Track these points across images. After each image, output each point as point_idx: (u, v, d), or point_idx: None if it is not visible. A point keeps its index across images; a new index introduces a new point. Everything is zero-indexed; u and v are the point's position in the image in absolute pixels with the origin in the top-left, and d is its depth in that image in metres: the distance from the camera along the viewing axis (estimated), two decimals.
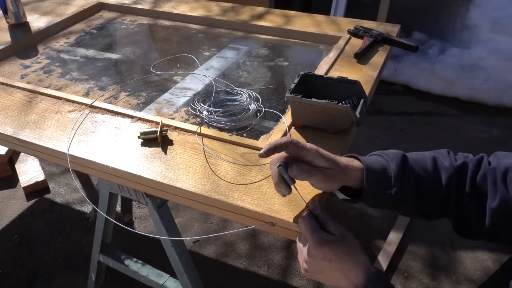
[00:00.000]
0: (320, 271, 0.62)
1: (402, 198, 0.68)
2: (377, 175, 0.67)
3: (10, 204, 2.03)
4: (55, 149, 0.90)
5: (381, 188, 0.67)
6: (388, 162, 0.69)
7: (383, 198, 0.68)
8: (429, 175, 0.69)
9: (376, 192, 0.67)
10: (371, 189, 0.67)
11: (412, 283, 1.64)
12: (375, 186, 0.67)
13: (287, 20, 1.46)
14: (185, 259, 1.15)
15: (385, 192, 0.67)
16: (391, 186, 0.67)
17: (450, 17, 3.04)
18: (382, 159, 0.70)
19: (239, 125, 0.98)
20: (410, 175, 0.68)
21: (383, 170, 0.68)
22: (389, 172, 0.68)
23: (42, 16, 1.56)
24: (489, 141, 2.41)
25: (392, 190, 0.67)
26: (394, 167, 0.68)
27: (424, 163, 0.71)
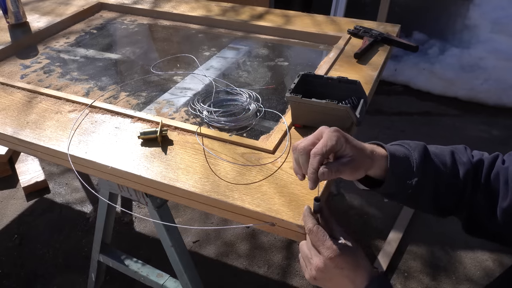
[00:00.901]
0: (329, 279, 0.63)
1: (421, 189, 0.68)
2: (400, 164, 0.67)
3: (10, 204, 2.03)
4: (55, 149, 0.90)
5: (403, 177, 0.68)
6: (410, 152, 0.69)
7: (403, 188, 0.68)
8: (448, 169, 0.70)
9: (397, 180, 0.68)
10: (394, 177, 0.67)
11: (412, 283, 1.64)
12: (398, 175, 0.67)
13: (287, 20, 1.46)
14: (185, 259, 1.15)
15: (406, 182, 0.67)
16: (413, 176, 0.67)
17: (450, 17, 3.04)
18: (404, 148, 0.70)
19: (239, 125, 0.98)
20: (430, 166, 0.69)
21: (406, 158, 0.68)
22: (411, 161, 0.68)
23: (42, 16, 1.56)
24: (489, 141, 2.41)
25: (413, 180, 0.67)
26: (416, 156, 0.68)
27: (443, 157, 0.71)
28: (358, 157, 0.65)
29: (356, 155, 0.65)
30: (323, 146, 0.63)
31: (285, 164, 0.84)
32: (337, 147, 0.64)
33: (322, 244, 0.62)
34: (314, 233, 0.63)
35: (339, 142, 0.63)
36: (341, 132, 0.65)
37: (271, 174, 0.81)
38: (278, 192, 0.77)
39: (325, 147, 0.63)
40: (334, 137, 0.63)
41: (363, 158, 0.66)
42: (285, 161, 0.84)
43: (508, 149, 0.74)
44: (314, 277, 0.64)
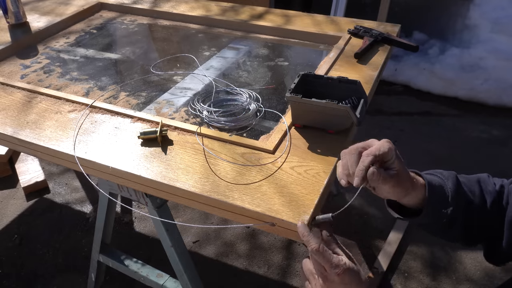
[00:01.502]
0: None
1: (455, 218, 0.69)
2: (437, 193, 0.69)
3: (10, 204, 2.03)
4: (55, 149, 0.90)
5: (438, 206, 0.69)
6: (444, 181, 0.71)
7: (439, 217, 0.69)
8: (476, 198, 0.71)
9: (434, 210, 0.69)
10: (431, 206, 0.68)
11: (412, 283, 1.64)
12: (435, 204, 0.69)
13: (287, 20, 1.46)
14: (185, 259, 1.15)
15: (441, 211, 0.69)
16: (448, 205, 0.69)
17: (450, 17, 3.04)
18: (437, 178, 0.72)
19: (239, 125, 0.98)
20: (462, 195, 0.70)
21: (441, 188, 0.70)
22: (446, 191, 0.70)
23: (42, 16, 1.56)
24: (489, 141, 2.41)
25: (448, 209, 0.69)
26: (450, 185, 0.70)
27: (471, 186, 0.73)
28: (402, 175, 0.67)
29: (401, 172, 0.67)
30: (377, 149, 0.65)
31: (285, 164, 0.84)
32: (388, 156, 0.66)
33: (329, 262, 0.63)
34: (320, 252, 0.63)
35: (390, 152, 0.66)
36: (393, 145, 0.67)
37: (271, 174, 0.81)
38: (278, 192, 0.77)
39: (378, 151, 0.65)
40: (387, 146, 0.66)
41: (406, 179, 0.68)
42: (285, 161, 0.84)
43: (508, 149, 0.75)
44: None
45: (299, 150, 0.87)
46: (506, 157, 2.27)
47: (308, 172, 0.81)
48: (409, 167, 0.70)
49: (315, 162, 0.84)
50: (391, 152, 0.66)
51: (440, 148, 2.35)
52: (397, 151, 0.67)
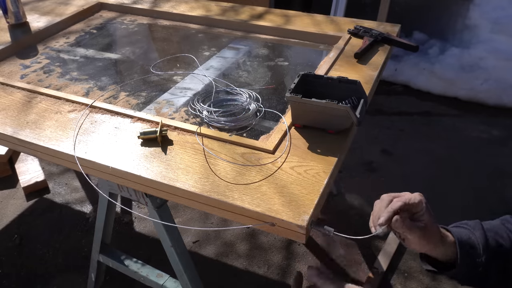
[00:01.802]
0: None
1: (490, 265, 0.70)
2: (467, 247, 0.70)
3: (10, 204, 2.03)
4: (55, 149, 0.90)
5: (472, 259, 0.70)
6: (472, 231, 0.72)
7: (474, 267, 0.70)
8: (506, 241, 0.72)
9: (468, 262, 0.70)
10: (464, 260, 0.69)
11: (412, 283, 1.64)
12: (467, 258, 0.70)
13: (287, 20, 1.46)
14: (185, 259, 1.15)
15: (476, 261, 0.70)
16: (480, 255, 0.70)
17: (450, 17, 3.04)
18: (464, 229, 0.73)
19: (239, 125, 0.98)
20: (492, 242, 0.71)
21: (469, 239, 0.71)
22: (474, 241, 0.71)
23: (41, 16, 1.56)
24: (489, 141, 2.41)
25: (481, 258, 0.70)
26: (478, 235, 0.72)
27: (498, 230, 0.74)
28: (431, 229, 0.68)
29: (429, 226, 0.68)
30: (407, 198, 0.68)
31: (285, 164, 0.84)
32: (418, 208, 0.68)
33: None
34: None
35: (420, 204, 0.68)
36: (424, 198, 0.69)
37: (271, 174, 0.81)
38: (278, 192, 0.77)
39: (409, 200, 0.67)
40: (418, 198, 0.68)
41: (434, 234, 0.69)
42: (285, 161, 0.84)
43: (508, 149, 0.76)
44: None
45: (299, 150, 0.87)
46: (506, 157, 2.27)
47: (308, 172, 0.81)
48: (409, 167, 0.70)
49: (315, 162, 0.84)
50: (421, 204, 0.68)
51: (440, 148, 2.35)
52: (428, 205, 0.69)
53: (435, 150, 2.33)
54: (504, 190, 2.03)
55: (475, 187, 2.05)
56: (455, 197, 1.96)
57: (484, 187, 2.04)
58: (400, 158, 2.28)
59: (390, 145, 2.39)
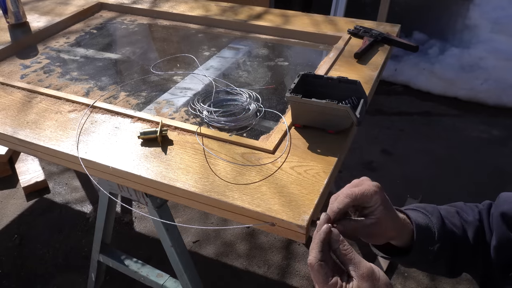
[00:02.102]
0: None
1: (440, 254, 0.68)
2: (424, 234, 0.67)
3: (10, 204, 2.03)
4: (55, 149, 0.90)
5: (425, 245, 0.67)
6: (429, 218, 0.69)
7: (426, 255, 0.67)
8: (459, 230, 0.70)
9: (421, 249, 0.67)
10: (418, 247, 0.66)
11: (412, 283, 1.64)
12: (422, 244, 0.67)
13: (286, 20, 1.46)
14: (185, 259, 1.15)
15: (428, 249, 0.67)
16: (435, 242, 0.67)
17: (450, 17, 3.04)
18: (422, 215, 0.70)
19: (239, 125, 0.98)
20: (447, 230, 0.69)
21: (427, 227, 0.68)
22: (432, 229, 0.68)
23: (41, 16, 1.56)
24: (489, 141, 2.41)
25: (435, 246, 0.67)
26: (435, 221, 0.68)
27: (452, 218, 0.71)
28: (384, 223, 0.62)
29: (383, 219, 0.61)
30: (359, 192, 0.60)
31: (285, 164, 0.84)
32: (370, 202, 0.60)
33: (321, 283, 0.53)
34: (315, 270, 0.53)
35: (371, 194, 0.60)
36: (381, 190, 0.62)
37: (271, 174, 0.81)
38: (278, 192, 0.77)
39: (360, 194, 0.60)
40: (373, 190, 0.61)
41: (389, 228, 0.63)
42: (285, 161, 0.84)
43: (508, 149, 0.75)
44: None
45: (299, 150, 0.87)
46: (506, 157, 2.27)
47: (308, 172, 0.81)
48: (409, 167, 0.69)
49: (315, 162, 0.84)
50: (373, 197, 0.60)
51: (440, 148, 2.35)
52: (387, 199, 0.62)
53: (435, 150, 2.33)
54: (504, 190, 2.03)
55: (475, 187, 2.05)
56: (455, 197, 1.96)
57: (484, 187, 2.04)
58: (400, 158, 2.28)
59: (390, 145, 2.39)
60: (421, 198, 1.97)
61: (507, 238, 0.66)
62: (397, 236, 0.66)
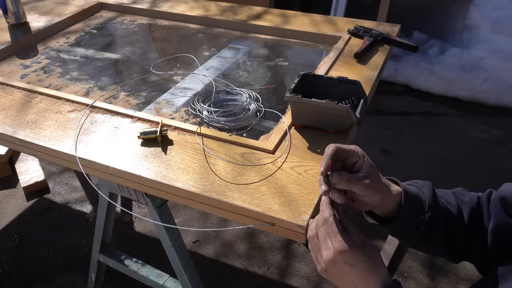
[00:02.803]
0: (339, 275, 0.60)
1: (433, 226, 0.68)
2: (413, 199, 0.69)
3: (10, 204, 2.03)
4: (55, 149, 0.90)
5: (416, 211, 0.68)
6: (420, 189, 0.71)
7: (417, 224, 0.68)
8: (454, 208, 0.71)
9: (411, 214, 0.68)
10: (408, 210, 0.68)
11: (412, 283, 1.64)
12: (411, 208, 0.68)
13: (286, 20, 1.46)
14: (185, 259, 1.15)
15: (419, 217, 0.68)
16: (425, 212, 0.68)
17: (450, 17, 3.04)
18: (413, 186, 0.72)
19: (239, 125, 0.98)
20: (440, 203, 0.70)
21: (417, 194, 0.70)
22: (422, 197, 0.70)
23: (41, 16, 1.56)
24: (489, 141, 2.41)
25: (426, 215, 0.68)
26: (426, 192, 0.70)
27: (448, 198, 0.73)
28: (375, 178, 0.65)
29: (372, 174, 0.65)
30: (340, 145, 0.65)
31: (285, 164, 0.84)
32: (354, 155, 0.65)
33: (334, 236, 0.59)
34: (329, 223, 0.60)
35: (356, 151, 0.65)
36: (361, 150, 0.66)
37: (271, 174, 0.81)
38: (278, 192, 0.77)
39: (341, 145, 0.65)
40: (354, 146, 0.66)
41: (379, 183, 0.66)
42: (285, 161, 0.84)
43: (508, 149, 0.76)
44: (324, 269, 0.61)
45: (299, 150, 0.87)
46: (506, 157, 2.27)
47: (308, 172, 0.81)
48: (409, 167, 0.70)
49: (315, 162, 0.84)
50: (357, 151, 0.65)
51: (440, 148, 2.35)
52: (368, 157, 0.66)
53: (435, 150, 2.33)
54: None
55: (475, 187, 2.05)
56: None
57: (484, 187, 2.04)
58: (400, 158, 2.28)
59: (390, 145, 2.39)
60: None
61: (504, 222, 0.67)
62: (387, 193, 0.68)
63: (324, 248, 0.61)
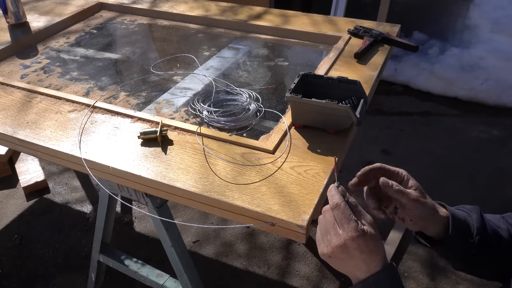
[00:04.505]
0: (345, 259, 0.61)
1: (483, 249, 0.70)
2: (460, 223, 0.70)
3: (10, 204, 2.03)
4: (55, 149, 0.90)
5: (464, 236, 0.70)
6: (468, 213, 0.73)
7: (466, 247, 0.70)
8: (504, 232, 0.72)
9: (459, 238, 0.70)
10: (455, 235, 0.69)
11: (412, 283, 1.64)
12: (459, 233, 0.69)
13: (286, 20, 1.46)
14: (185, 259, 1.15)
15: (468, 241, 0.70)
16: (473, 235, 0.70)
17: (450, 17, 3.04)
18: (461, 211, 0.73)
19: (239, 125, 0.98)
20: (489, 227, 0.71)
21: (465, 220, 0.71)
22: (469, 222, 0.71)
23: (41, 16, 1.56)
24: (489, 141, 2.41)
25: (474, 238, 0.69)
26: (474, 217, 0.72)
27: (496, 222, 0.74)
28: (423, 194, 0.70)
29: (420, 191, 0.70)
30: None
31: (285, 164, 0.84)
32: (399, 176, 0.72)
33: (347, 222, 0.60)
34: (342, 209, 0.61)
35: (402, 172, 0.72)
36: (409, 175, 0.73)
37: (271, 174, 0.81)
38: (278, 192, 0.77)
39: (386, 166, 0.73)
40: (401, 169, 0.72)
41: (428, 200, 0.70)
42: (285, 161, 0.84)
43: (508, 149, 0.77)
44: (329, 254, 0.61)
45: (299, 150, 0.87)
46: (506, 157, 2.27)
47: (308, 172, 0.81)
48: (409, 167, 0.71)
49: (315, 162, 0.84)
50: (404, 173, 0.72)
51: (440, 148, 2.35)
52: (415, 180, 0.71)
53: (435, 150, 2.33)
54: (504, 190, 2.03)
55: (475, 187, 2.05)
56: (455, 197, 1.95)
57: (484, 187, 2.04)
58: (400, 158, 2.28)
59: (390, 145, 2.39)
60: None
61: None
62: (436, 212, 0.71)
63: (333, 234, 0.61)
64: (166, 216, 1.06)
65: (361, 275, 0.61)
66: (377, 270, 0.60)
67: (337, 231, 0.60)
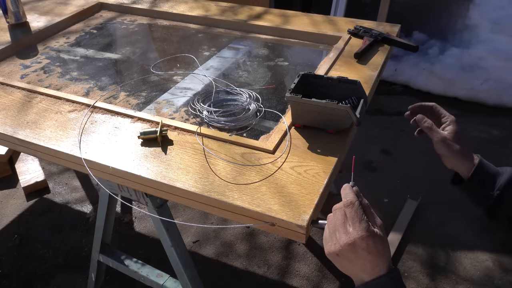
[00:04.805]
0: (351, 259, 0.60)
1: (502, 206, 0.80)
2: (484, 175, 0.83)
3: (10, 204, 2.03)
4: (55, 149, 0.90)
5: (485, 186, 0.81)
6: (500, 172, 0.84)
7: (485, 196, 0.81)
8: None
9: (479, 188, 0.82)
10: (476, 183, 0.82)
11: (412, 283, 1.64)
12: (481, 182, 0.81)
13: (286, 20, 1.46)
14: (185, 259, 1.15)
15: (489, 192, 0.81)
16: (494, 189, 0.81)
17: (450, 17, 3.04)
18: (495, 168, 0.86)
19: (239, 125, 0.98)
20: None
21: (493, 175, 0.84)
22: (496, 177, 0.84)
23: (41, 15, 1.56)
24: (489, 141, 2.41)
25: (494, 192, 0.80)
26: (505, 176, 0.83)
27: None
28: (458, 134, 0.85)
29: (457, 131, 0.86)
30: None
31: (285, 164, 0.84)
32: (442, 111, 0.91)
33: (359, 222, 0.60)
34: (355, 207, 0.61)
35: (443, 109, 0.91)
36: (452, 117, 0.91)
37: (271, 174, 0.81)
38: (278, 192, 0.77)
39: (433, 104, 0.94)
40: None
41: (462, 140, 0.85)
42: (285, 161, 0.84)
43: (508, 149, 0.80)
44: (337, 252, 0.61)
45: (299, 150, 0.87)
46: (506, 157, 2.27)
47: (308, 172, 0.81)
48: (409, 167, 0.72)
49: (315, 162, 0.84)
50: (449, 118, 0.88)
51: None
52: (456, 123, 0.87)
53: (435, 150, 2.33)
54: None
55: None
56: (454, 197, 1.96)
57: None
58: (400, 158, 2.28)
59: (390, 145, 2.39)
60: (421, 198, 1.97)
61: None
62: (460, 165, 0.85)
63: (342, 232, 0.61)
64: (166, 216, 1.06)
65: (365, 277, 0.61)
66: (381, 274, 0.60)
67: (347, 229, 0.60)
